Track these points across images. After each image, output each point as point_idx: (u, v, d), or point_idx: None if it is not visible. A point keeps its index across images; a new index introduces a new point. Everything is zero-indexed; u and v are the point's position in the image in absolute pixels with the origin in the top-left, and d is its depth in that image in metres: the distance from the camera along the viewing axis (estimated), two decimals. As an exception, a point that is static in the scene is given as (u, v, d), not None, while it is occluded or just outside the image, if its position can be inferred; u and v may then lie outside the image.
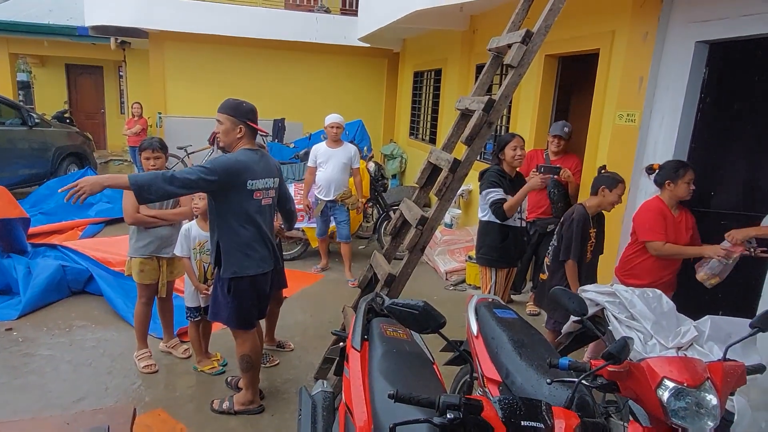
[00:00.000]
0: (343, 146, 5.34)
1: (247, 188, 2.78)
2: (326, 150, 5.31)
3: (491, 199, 3.66)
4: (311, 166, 5.38)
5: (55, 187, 7.71)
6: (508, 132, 5.25)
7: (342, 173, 5.31)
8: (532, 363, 2.00)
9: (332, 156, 5.27)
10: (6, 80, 12.86)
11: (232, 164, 2.75)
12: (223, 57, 9.63)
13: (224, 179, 2.69)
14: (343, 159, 5.28)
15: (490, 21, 6.04)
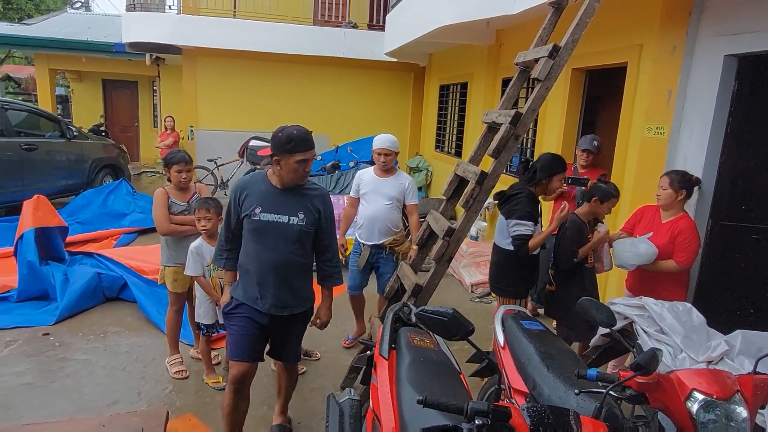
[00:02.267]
0: (396, 176, 4.01)
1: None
2: (372, 179, 4.02)
3: (518, 233, 3.20)
4: (352, 197, 4.19)
5: (92, 198, 7.99)
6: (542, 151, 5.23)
7: (389, 211, 3.95)
8: (559, 374, 2.00)
9: (378, 187, 3.97)
10: (46, 94, 13.41)
11: None
12: (252, 72, 9.86)
13: None
14: (392, 192, 3.93)
15: (517, 35, 6.08)
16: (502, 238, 3.38)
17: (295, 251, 2.61)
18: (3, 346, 3.97)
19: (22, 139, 7.61)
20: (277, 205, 2.57)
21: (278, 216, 2.55)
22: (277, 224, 2.55)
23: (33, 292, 4.72)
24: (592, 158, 4.49)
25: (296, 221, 2.57)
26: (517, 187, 3.37)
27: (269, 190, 2.59)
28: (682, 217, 3.13)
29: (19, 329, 4.23)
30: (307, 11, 10.10)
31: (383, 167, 3.99)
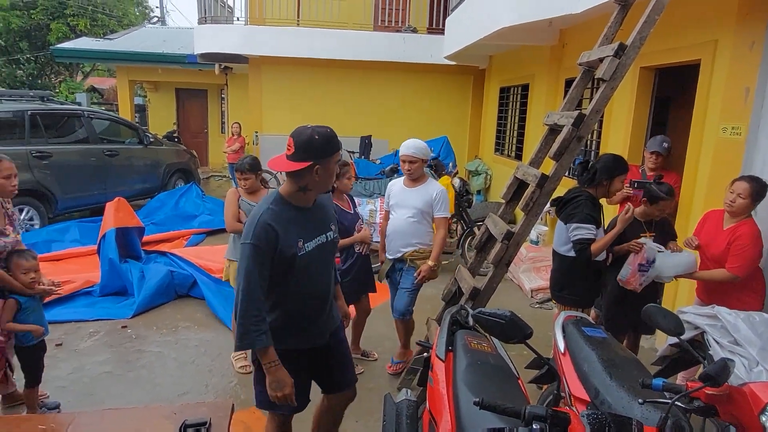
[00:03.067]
0: (424, 185, 3.65)
1: None
2: (400, 189, 3.71)
3: (579, 237, 3.03)
4: (385, 209, 3.90)
5: (165, 200, 8.49)
6: (606, 152, 5.06)
7: (411, 224, 3.61)
8: (623, 383, 1.93)
9: (404, 198, 3.66)
10: (126, 104, 14.38)
11: None
12: (314, 78, 10.12)
13: None
14: (416, 203, 3.58)
15: (581, 34, 5.91)
16: (561, 244, 3.24)
17: (333, 265, 2.39)
18: (87, 337, 4.30)
19: (105, 145, 8.21)
20: (312, 227, 2.18)
21: (318, 238, 2.19)
22: (320, 248, 2.19)
23: (113, 288, 5.07)
24: (661, 160, 4.28)
25: (332, 235, 2.27)
26: (575, 191, 3.24)
27: (297, 215, 2.13)
28: (744, 222, 2.92)
29: (101, 321, 4.57)
30: (368, 17, 10.26)
31: (409, 176, 3.65)
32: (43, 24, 22.08)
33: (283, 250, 2.05)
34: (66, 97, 17.32)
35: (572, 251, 3.12)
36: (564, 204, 3.22)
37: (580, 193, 3.18)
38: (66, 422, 2.05)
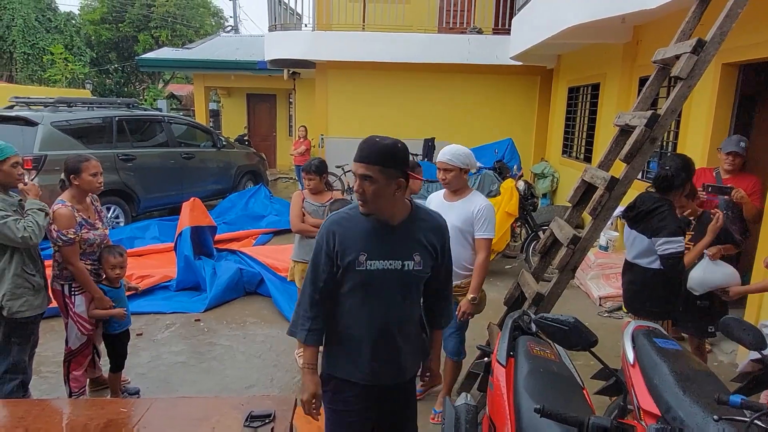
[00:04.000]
0: (466, 199, 3.12)
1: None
2: (440, 203, 3.16)
3: (670, 252, 2.85)
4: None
5: (236, 201, 8.88)
6: (677, 152, 4.79)
7: (453, 247, 2.45)
8: (697, 399, 1.83)
9: (444, 213, 2.65)
10: (201, 109, 15.20)
11: None
12: (378, 81, 10.24)
13: None
14: (455, 221, 2.99)
15: (656, 31, 5.62)
16: (642, 256, 3.07)
17: (413, 302, 2.05)
18: (164, 329, 4.58)
19: (182, 149, 8.71)
20: (387, 247, 1.93)
21: (390, 262, 1.92)
22: (389, 273, 1.92)
23: (188, 283, 5.37)
24: (739, 162, 3.98)
25: (412, 265, 1.94)
26: (654, 200, 3.04)
27: (375, 228, 1.93)
28: None
29: (176, 314, 4.86)
30: (432, 20, 10.26)
31: (446, 186, 3.16)
32: (129, 36, 23.74)
33: (342, 256, 1.91)
34: (150, 103, 18.52)
35: (655, 263, 2.98)
36: (644, 215, 3.03)
37: (660, 202, 2.99)
38: (144, 407, 2.20)
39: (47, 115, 6.73)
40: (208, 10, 27.82)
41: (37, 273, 3.00)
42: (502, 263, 6.52)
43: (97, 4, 24.57)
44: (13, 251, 2.86)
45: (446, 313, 2.24)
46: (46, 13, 21.14)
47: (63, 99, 7.47)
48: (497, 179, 6.74)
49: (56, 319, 4.12)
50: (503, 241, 6.04)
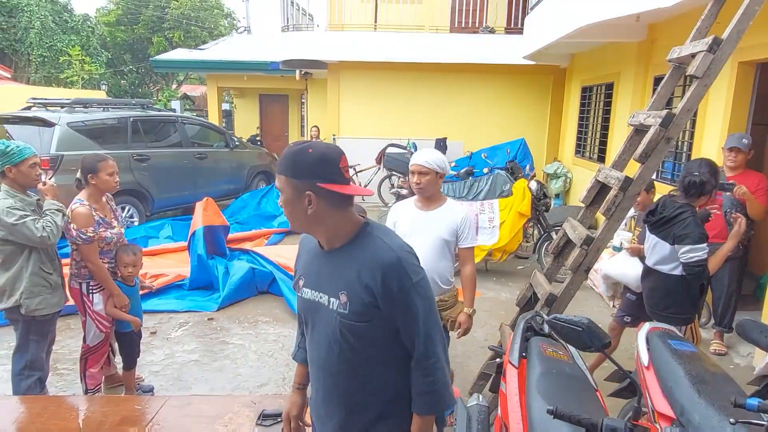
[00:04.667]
0: (444, 207, 2.86)
1: None
2: (412, 214, 2.87)
3: (695, 259, 2.83)
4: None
5: (248, 200, 8.94)
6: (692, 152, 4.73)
7: (436, 259, 2.76)
8: (713, 402, 1.81)
9: (419, 225, 2.81)
10: (214, 110, 15.32)
11: None
12: (390, 81, 10.25)
13: None
14: (440, 230, 2.79)
15: (671, 29, 5.55)
16: (663, 263, 3.04)
17: (351, 361, 1.53)
18: (178, 327, 4.62)
19: (195, 149, 8.79)
20: (319, 275, 1.58)
21: (318, 294, 1.56)
22: (318, 306, 1.56)
23: (201, 282, 5.41)
24: (741, 158, 3.93)
25: (336, 305, 1.50)
26: (674, 206, 2.99)
27: (316, 250, 1.61)
28: None
29: (190, 313, 4.90)
30: (445, 19, 10.24)
31: (419, 191, 2.81)
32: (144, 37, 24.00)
33: (294, 274, 1.73)
34: (164, 104, 18.72)
35: (677, 270, 2.97)
36: (665, 221, 3.00)
37: (683, 208, 2.94)
38: (158, 404, 2.23)
39: (64, 115, 6.83)
40: (222, 11, 28.03)
41: (54, 272, 3.05)
42: (514, 264, 6.49)
43: (112, 6, 24.88)
44: (31, 250, 2.91)
45: (425, 396, 1.53)
46: (62, 15, 21.45)
47: (79, 100, 7.56)
48: (509, 179, 6.70)
49: (72, 317, 4.19)
50: (515, 241, 6.01)
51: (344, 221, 1.52)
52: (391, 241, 1.50)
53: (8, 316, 3.02)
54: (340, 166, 1.45)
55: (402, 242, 1.53)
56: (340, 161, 1.46)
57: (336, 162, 1.45)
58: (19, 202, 2.86)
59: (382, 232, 1.54)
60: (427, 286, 1.49)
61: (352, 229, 1.53)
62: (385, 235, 1.53)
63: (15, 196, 2.88)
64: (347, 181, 1.48)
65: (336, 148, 1.48)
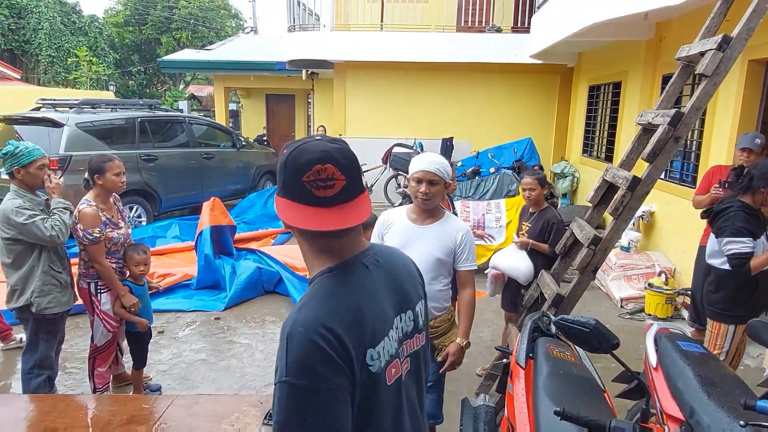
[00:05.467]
0: (441, 222, 2.47)
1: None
2: (404, 226, 2.47)
3: (733, 252, 2.87)
4: None
5: (255, 200, 8.96)
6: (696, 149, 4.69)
7: (426, 281, 1.54)
8: (722, 404, 1.79)
9: (413, 240, 2.42)
10: (221, 110, 15.37)
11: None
12: (397, 81, 10.24)
13: None
14: (435, 249, 2.42)
15: (680, 28, 5.51)
16: (715, 257, 3.10)
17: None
18: (185, 326, 4.64)
19: (202, 149, 8.82)
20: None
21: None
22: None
23: (208, 282, 5.44)
24: (753, 158, 3.91)
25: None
26: (727, 200, 3.05)
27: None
28: None
29: (197, 312, 4.92)
30: (451, 19, 10.22)
31: (424, 202, 2.38)
32: (152, 38, 24.13)
33: None
34: (171, 104, 18.81)
35: (726, 264, 3.00)
36: (715, 216, 3.07)
37: (731, 203, 2.99)
38: (166, 403, 2.24)
39: (72, 116, 6.87)
40: (229, 12, 28.12)
41: (64, 270, 3.07)
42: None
43: (120, 7, 25.03)
44: (41, 249, 2.93)
45: None
46: (70, 16, 21.61)
47: (87, 100, 7.61)
48: (516, 179, 6.69)
49: (81, 316, 4.21)
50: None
51: (313, 258, 1.13)
52: (308, 310, 1.03)
53: (19, 316, 3.05)
54: (303, 179, 1.02)
55: (319, 315, 1.02)
56: (307, 171, 1.02)
57: (298, 170, 1.03)
58: (28, 202, 2.88)
59: (324, 288, 1.07)
60: (287, 396, 0.97)
61: (316, 270, 1.12)
62: (325, 294, 1.06)
63: (24, 196, 2.90)
64: (312, 200, 1.03)
65: (315, 151, 1.04)
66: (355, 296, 1.08)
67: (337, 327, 1.00)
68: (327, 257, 1.11)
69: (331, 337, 0.99)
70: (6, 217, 2.82)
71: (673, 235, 5.55)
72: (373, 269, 1.15)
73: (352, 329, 1.03)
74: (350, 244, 1.12)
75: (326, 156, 1.03)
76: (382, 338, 1.09)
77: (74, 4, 22.35)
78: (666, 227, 5.76)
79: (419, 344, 1.24)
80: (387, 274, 1.18)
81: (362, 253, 1.15)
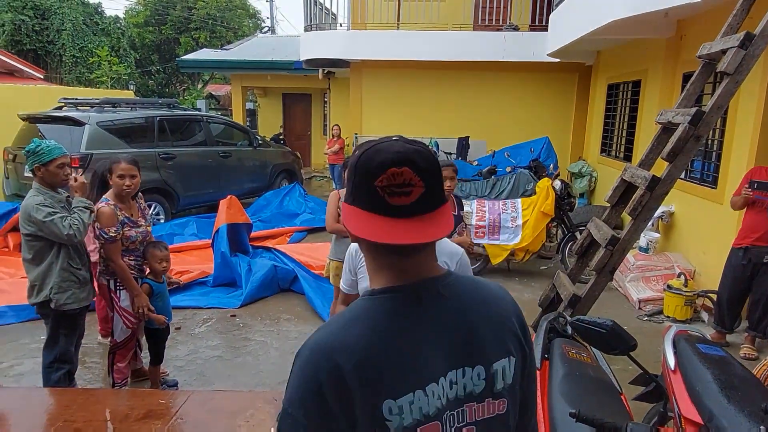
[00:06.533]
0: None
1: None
2: None
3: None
4: (344, 290, 2.35)
5: (271, 199, 9.02)
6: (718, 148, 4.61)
7: None
8: (742, 408, 1.76)
9: None
10: (238, 109, 15.50)
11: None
12: (413, 80, 10.22)
13: None
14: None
15: (701, 25, 5.41)
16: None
17: None
18: (201, 323, 4.69)
19: (220, 148, 8.91)
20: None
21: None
22: None
23: (224, 279, 5.49)
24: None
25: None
26: None
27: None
28: None
29: (213, 309, 4.97)
30: (468, 17, 10.17)
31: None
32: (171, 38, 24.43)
33: None
34: (191, 104, 19.02)
35: None
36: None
37: None
38: (182, 399, 2.27)
39: (93, 115, 6.99)
40: (246, 12, 28.33)
41: (83, 267, 3.12)
42: (537, 264, 6.41)
43: (140, 8, 25.38)
44: (60, 246, 2.99)
45: None
46: (93, 17, 21.96)
47: (108, 100, 7.73)
48: (533, 178, 6.63)
49: (100, 312, 4.28)
50: (539, 241, 5.94)
51: (374, 274, 0.99)
52: (324, 333, 0.93)
53: (39, 311, 3.11)
54: (375, 184, 0.90)
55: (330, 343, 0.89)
56: (380, 175, 0.89)
57: (370, 173, 0.90)
58: (48, 199, 2.93)
59: (353, 312, 0.95)
60: (282, 417, 0.90)
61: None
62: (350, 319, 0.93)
63: (45, 193, 2.96)
64: (385, 209, 0.90)
65: (390, 152, 0.91)
66: (385, 333, 0.90)
67: (345, 363, 0.85)
68: (388, 276, 0.95)
69: (332, 373, 0.85)
70: (27, 214, 2.88)
71: (694, 236, 5.46)
72: (429, 304, 0.94)
73: (365, 370, 0.86)
74: (419, 266, 0.95)
75: (403, 158, 0.89)
76: (412, 391, 0.88)
77: (97, 5, 22.71)
78: (686, 228, 5.66)
79: (495, 411, 0.97)
80: (451, 314, 0.95)
81: (427, 280, 0.95)
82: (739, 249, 4.00)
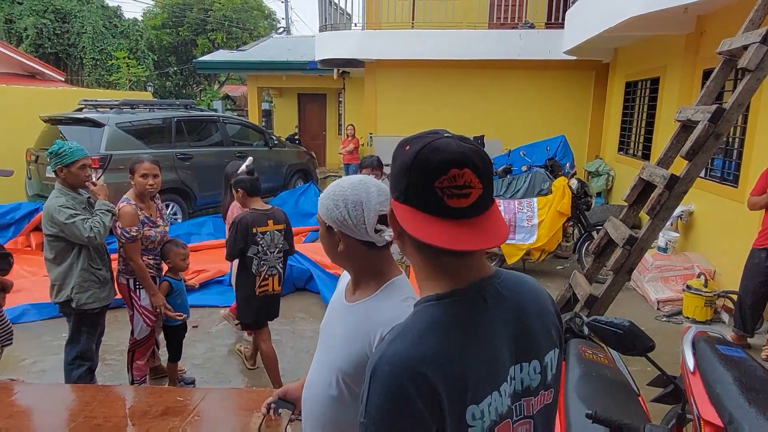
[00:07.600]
0: (370, 302, 1.28)
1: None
2: (336, 300, 1.43)
3: None
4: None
5: (286, 199, 9.07)
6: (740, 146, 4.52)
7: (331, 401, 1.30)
8: (764, 410, 1.73)
9: (331, 328, 1.40)
10: (254, 109, 15.62)
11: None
12: (427, 79, 10.21)
13: None
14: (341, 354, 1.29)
15: (722, 20, 5.31)
16: None
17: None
18: (218, 322, 4.74)
19: (236, 148, 8.98)
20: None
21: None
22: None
23: (240, 278, 5.52)
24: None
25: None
26: None
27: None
28: None
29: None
30: (483, 15, 10.12)
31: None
32: (188, 40, 24.71)
33: None
34: (207, 104, 19.23)
35: None
36: None
37: None
38: (199, 396, 2.30)
39: (112, 116, 7.10)
40: (262, 13, 28.53)
41: (104, 267, 3.18)
42: (553, 264, 6.36)
43: (158, 10, 25.71)
44: (81, 247, 3.04)
45: None
46: (113, 20, 22.31)
47: (127, 101, 7.85)
48: (549, 177, 6.58)
49: (120, 310, 4.35)
50: (555, 241, 5.89)
51: (426, 278, 0.97)
52: (400, 346, 0.88)
53: (61, 310, 3.17)
54: (435, 185, 0.86)
55: (412, 356, 0.86)
56: (441, 175, 0.86)
57: (429, 173, 0.87)
58: (71, 200, 2.99)
59: (424, 322, 0.91)
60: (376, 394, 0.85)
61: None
62: (424, 329, 0.90)
63: (67, 194, 3.01)
64: (443, 211, 0.87)
65: (449, 151, 0.88)
66: (462, 338, 0.88)
67: (432, 375, 0.83)
68: (442, 279, 0.93)
69: (422, 386, 0.83)
70: (49, 215, 2.94)
71: (714, 235, 5.36)
72: (493, 304, 0.93)
73: (451, 381, 0.84)
74: (473, 267, 0.94)
75: (464, 158, 0.86)
76: (490, 393, 0.89)
77: (116, 8, 23.07)
78: (706, 227, 5.57)
79: (545, 402, 1.00)
80: (510, 311, 0.95)
81: (485, 279, 0.94)
82: (762, 250, 3.93)
